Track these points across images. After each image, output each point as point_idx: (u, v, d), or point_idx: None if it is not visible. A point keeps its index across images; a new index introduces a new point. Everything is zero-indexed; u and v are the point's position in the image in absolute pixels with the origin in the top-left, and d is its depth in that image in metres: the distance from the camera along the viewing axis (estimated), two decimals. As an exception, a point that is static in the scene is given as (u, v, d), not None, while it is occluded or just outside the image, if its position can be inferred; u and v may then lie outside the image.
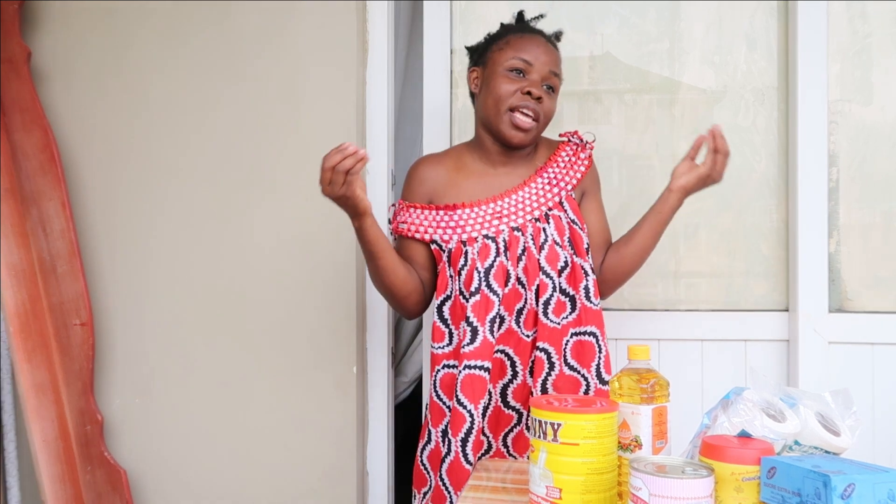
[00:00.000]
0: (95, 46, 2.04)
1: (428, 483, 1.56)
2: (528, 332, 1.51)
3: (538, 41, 1.54)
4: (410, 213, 1.58)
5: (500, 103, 1.51)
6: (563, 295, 1.52)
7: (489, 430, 1.53)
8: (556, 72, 1.53)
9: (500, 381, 1.53)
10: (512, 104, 1.50)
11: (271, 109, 1.98)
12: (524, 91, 1.49)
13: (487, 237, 1.51)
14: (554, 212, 1.54)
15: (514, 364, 1.51)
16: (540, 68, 1.51)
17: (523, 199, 1.55)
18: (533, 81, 1.51)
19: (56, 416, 1.89)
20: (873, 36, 1.93)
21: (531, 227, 1.52)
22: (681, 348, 1.96)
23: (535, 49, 1.52)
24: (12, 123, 1.94)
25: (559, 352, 1.50)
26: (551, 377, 1.50)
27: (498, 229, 1.52)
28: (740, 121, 1.98)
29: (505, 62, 1.52)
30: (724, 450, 0.93)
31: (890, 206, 1.93)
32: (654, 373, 1.06)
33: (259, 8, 1.98)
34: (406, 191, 1.63)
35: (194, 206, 2.01)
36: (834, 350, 1.89)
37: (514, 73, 1.51)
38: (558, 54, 1.57)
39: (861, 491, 0.81)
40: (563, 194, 1.56)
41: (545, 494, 0.98)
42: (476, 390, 1.47)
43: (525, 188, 1.55)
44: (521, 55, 1.51)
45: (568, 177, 1.58)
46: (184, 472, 2.01)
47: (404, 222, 1.58)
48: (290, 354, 1.97)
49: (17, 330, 1.85)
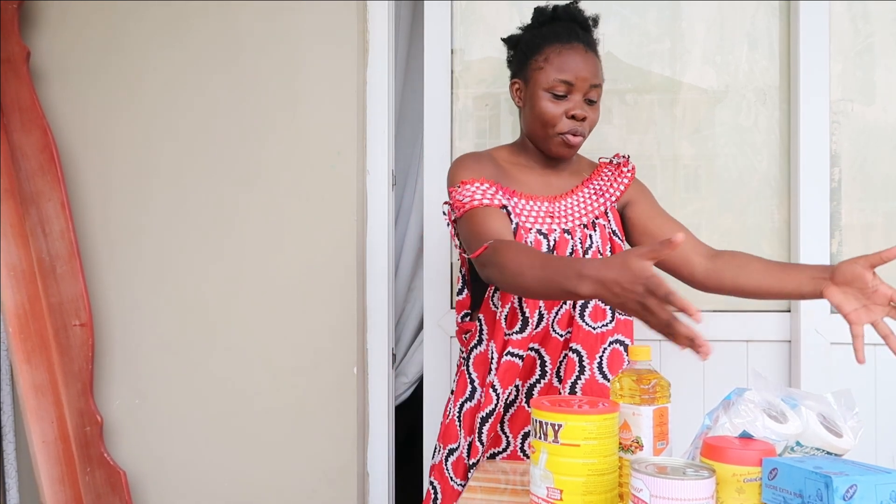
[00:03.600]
0: (95, 46, 2.04)
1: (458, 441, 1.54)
2: (562, 331, 1.51)
3: (578, 54, 1.49)
4: (478, 187, 1.46)
5: (547, 127, 1.50)
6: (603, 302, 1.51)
7: (509, 429, 1.52)
8: (598, 83, 1.51)
9: (529, 381, 1.52)
10: (560, 129, 1.50)
11: (272, 110, 1.98)
12: (569, 115, 1.49)
13: (540, 232, 1.50)
14: (600, 220, 1.55)
15: (543, 363, 1.51)
16: (581, 86, 1.48)
17: (573, 205, 1.56)
18: (576, 103, 1.49)
19: (55, 417, 1.89)
20: (875, 36, 1.93)
21: (580, 232, 1.52)
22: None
23: (576, 66, 1.48)
24: (11, 123, 1.94)
25: (592, 357, 1.49)
26: (581, 381, 1.49)
27: (550, 227, 1.52)
28: (742, 121, 1.97)
29: (545, 84, 1.49)
30: (725, 451, 0.92)
31: (892, 207, 1.93)
32: (655, 373, 1.05)
33: (259, 9, 1.98)
34: (465, 172, 1.50)
35: (194, 207, 2.01)
36: (836, 351, 1.88)
37: (556, 97, 1.49)
38: (598, 60, 1.53)
39: (863, 492, 0.81)
40: (608, 205, 1.58)
41: (546, 495, 0.98)
42: (508, 378, 1.47)
43: (574, 195, 1.57)
44: (561, 76, 1.48)
45: (612, 188, 1.60)
46: (183, 473, 2.01)
47: (483, 195, 1.44)
48: (290, 355, 1.97)
49: (16, 331, 1.85)
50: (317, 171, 1.97)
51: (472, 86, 2.05)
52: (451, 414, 1.57)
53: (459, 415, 1.55)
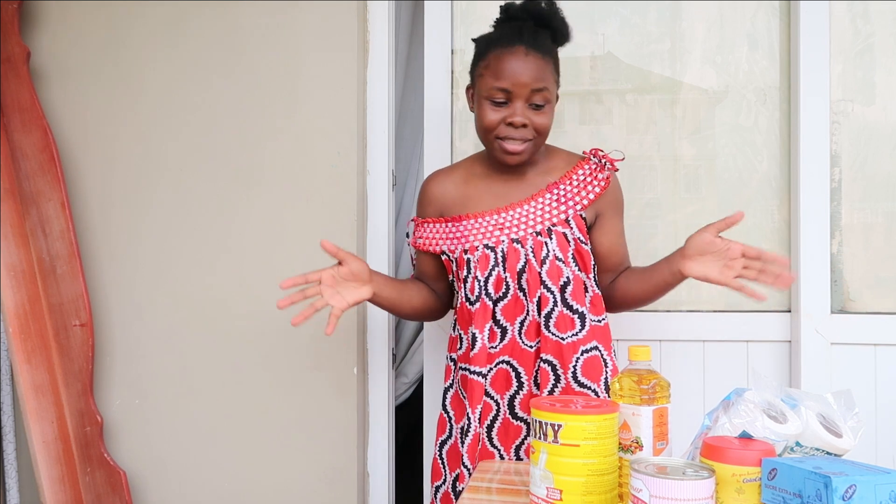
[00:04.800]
0: (95, 46, 2.04)
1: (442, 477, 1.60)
2: (531, 342, 1.52)
3: (517, 58, 1.45)
4: (424, 227, 1.64)
5: (487, 133, 1.50)
6: (570, 311, 1.51)
7: (499, 443, 1.53)
8: (541, 87, 1.45)
9: (507, 393, 1.53)
10: (498, 134, 1.48)
11: (272, 110, 1.98)
12: (506, 122, 1.46)
13: (487, 247, 1.53)
14: (558, 228, 1.52)
15: (518, 375, 1.52)
16: (520, 92, 1.45)
17: (527, 213, 1.54)
18: (514, 110, 1.45)
19: (55, 418, 1.89)
20: (875, 36, 1.93)
21: (531, 241, 1.51)
22: (682, 349, 1.96)
23: (512, 72, 1.44)
24: (11, 124, 1.94)
25: (565, 366, 1.50)
26: (557, 389, 1.50)
27: (498, 240, 1.52)
28: (742, 121, 1.97)
29: (485, 92, 1.48)
30: (725, 451, 0.92)
31: (892, 207, 1.93)
32: (654, 374, 1.05)
33: (259, 9, 1.98)
34: (419, 207, 1.68)
35: (194, 207, 2.01)
36: (836, 351, 1.88)
37: (496, 104, 1.47)
38: (544, 60, 1.47)
39: (862, 492, 0.81)
40: (571, 213, 1.53)
41: (546, 496, 0.98)
42: (475, 395, 1.51)
43: (532, 202, 1.54)
44: (498, 83, 1.45)
45: (579, 196, 1.54)
46: (184, 474, 2.01)
47: (420, 237, 1.65)
48: (290, 355, 1.97)
49: (16, 331, 1.85)
50: (317, 171, 1.97)
51: (473, 86, 2.05)
52: (435, 453, 1.62)
53: (440, 453, 1.60)
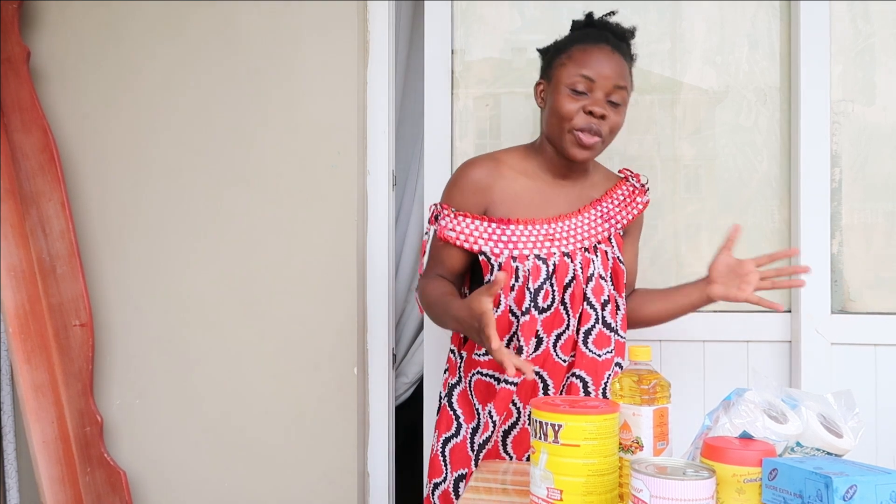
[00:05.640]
0: (95, 46, 2.04)
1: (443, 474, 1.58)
2: (566, 357, 1.50)
3: (603, 53, 1.47)
4: (460, 221, 1.53)
5: (563, 122, 1.47)
6: (608, 329, 1.51)
7: (513, 450, 1.52)
8: (622, 84, 1.47)
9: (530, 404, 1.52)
10: (575, 125, 1.46)
11: (272, 110, 1.98)
12: (586, 111, 1.45)
13: (539, 258, 1.49)
14: (602, 246, 1.54)
15: (546, 388, 1.50)
16: (603, 84, 1.45)
17: (576, 227, 1.53)
18: (596, 100, 1.45)
19: (55, 418, 1.88)
20: (876, 36, 1.93)
21: (580, 256, 1.51)
22: (682, 349, 1.96)
23: (598, 64, 1.46)
24: (12, 124, 1.94)
25: (597, 382, 1.50)
26: None
27: (549, 251, 1.50)
28: (742, 121, 1.97)
29: (567, 80, 1.47)
30: (725, 451, 0.92)
31: (892, 207, 1.93)
32: (655, 374, 1.05)
33: (260, 9, 1.98)
34: (456, 194, 1.56)
35: (194, 207, 2.01)
36: (836, 351, 1.88)
37: (576, 93, 1.46)
38: (626, 63, 1.51)
39: (863, 492, 0.81)
40: (613, 231, 1.56)
41: (546, 496, 0.98)
42: (502, 404, 1.49)
43: (580, 216, 1.54)
44: (582, 72, 1.45)
45: (620, 215, 1.58)
46: (184, 474, 2.01)
47: (453, 230, 1.52)
48: (290, 355, 1.97)
49: (16, 331, 1.85)
50: (317, 170, 1.97)
51: (473, 86, 2.05)
52: (436, 449, 1.58)
53: (443, 450, 1.57)
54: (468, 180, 1.54)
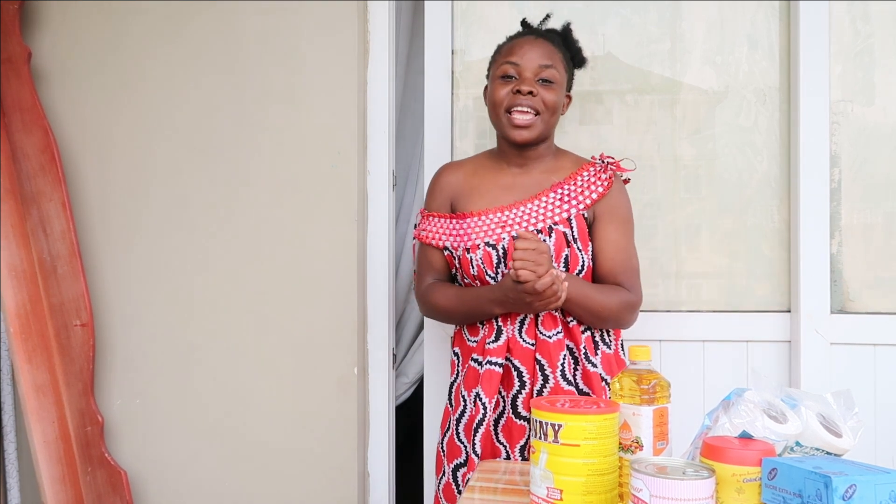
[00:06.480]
0: (96, 46, 2.04)
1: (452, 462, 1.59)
2: (531, 340, 1.52)
3: (526, 41, 1.58)
4: (429, 221, 1.66)
5: (497, 108, 1.57)
6: (555, 309, 1.52)
7: (504, 439, 1.53)
8: (548, 63, 1.55)
9: (511, 392, 1.53)
10: (507, 105, 1.55)
11: (273, 110, 1.98)
12: (514, 90, 1.53)
13: (489, 245, 1.54)
14: (559, 227, 1.54)
15: (520, 374, 1.52)
16: (528, 65, 1.55)
17: (530, 211, 1.56)
18: (523, 79, 1.54)
19: (56, 418, 1.89)
20: (875, 36, 1.93)
21: None
22: (682, 349, 1.96)
23: (521, 49, 1.57)
24: (12, 124, 1.94)
25: (553, 365, 1.51)
26: (546, 390, 1.51)
27: (499, 237, 1.53)
28: (742, 121, 1.97)
29: (497, 71, 1.59)
30: (725, 451, 0.93)
31: (892, 207, 1.93)
32: (655, 374, 1.05)
33: (260, 9, 1.98)
34: (428, 198, 1.70)
35: (195, 207, 2.01)
36: (835, 351, 1.88)
37: (506, 78, 1.56)
38: (553, 46, 1.59)
39: (862, 492, 0.81)
40: (573, 212, 1.55)
41: (546, 495, 0.98)
42: (491, 386, 1.52)
43: (536, 200, 1.57)
44: (508, 59, 1.57)
45: (582, 196, 1.57)
46: (184, 473, 2.01)
47: (424, 230, 1.66)
48: (290, 355, 1.97)
49: (17, 331, 1.85)
50: (317, 170, 1.97)
51: (473, 86, 2.05)
52: (450, 431, 1.59)
53: (443, 446, 1.60)
54: (435, 183, 1.69)
